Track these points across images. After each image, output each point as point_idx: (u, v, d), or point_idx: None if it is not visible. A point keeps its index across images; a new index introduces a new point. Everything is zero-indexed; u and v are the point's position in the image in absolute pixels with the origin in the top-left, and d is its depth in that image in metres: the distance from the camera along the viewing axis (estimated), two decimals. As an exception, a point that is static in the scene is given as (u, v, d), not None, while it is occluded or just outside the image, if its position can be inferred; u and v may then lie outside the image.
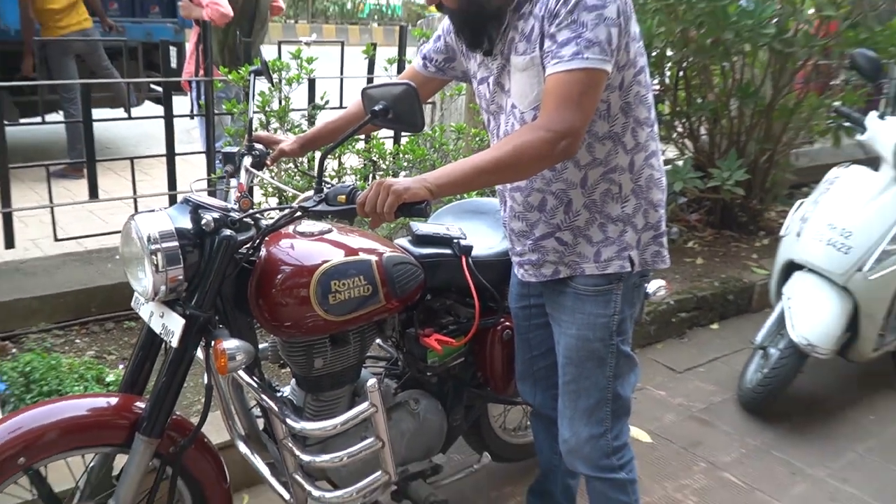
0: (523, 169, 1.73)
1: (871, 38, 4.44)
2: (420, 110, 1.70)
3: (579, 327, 1.94)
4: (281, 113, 3.46)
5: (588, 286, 1.91)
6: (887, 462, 3.09)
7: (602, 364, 1.95)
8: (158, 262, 1.67)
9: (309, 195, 1.76)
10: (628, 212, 1.88)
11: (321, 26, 18.93)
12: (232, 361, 1.68)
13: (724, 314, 4.33)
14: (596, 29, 1.64)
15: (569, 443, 2.04)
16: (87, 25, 5.88)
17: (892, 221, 3.18)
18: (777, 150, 5.10)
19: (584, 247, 1.89)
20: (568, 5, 1.66)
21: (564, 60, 1.66)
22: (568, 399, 2.01)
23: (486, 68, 1.92)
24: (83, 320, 3.35)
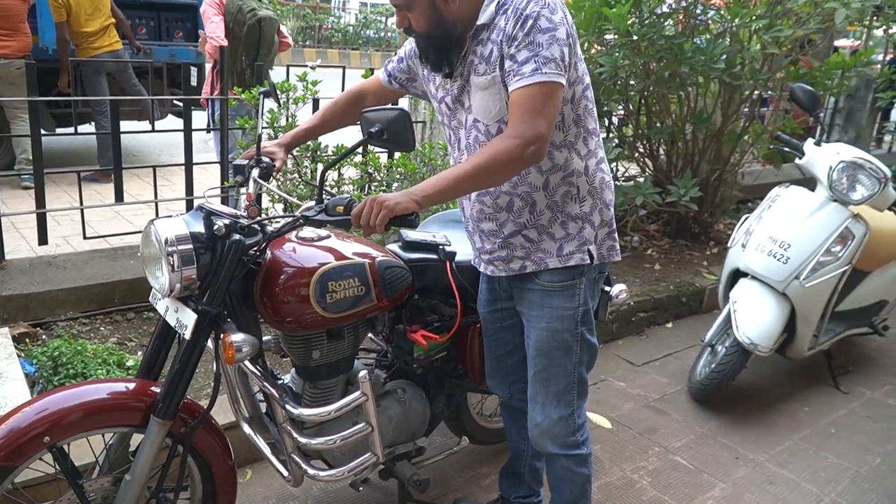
0: (499, 174, 1.72)
1: (809, 74, 4.46)
2: (412, 132, 1.68)
3: (549, 320, 1.92)
4: (288, 129, 3.41)
5: (554, 282, 1.90)
6: (819, 449, 3.09)
7: (569, 352, 1.95)
8: (174, 263, 1.66)
9: (310, 205, 1.73)
10: (586, 210, 1.89)
11: (326, 51, 18.85)
12: (238, 353, 1.66)
13: (679, 314, 4.32)
14: (550, 48, 1.67)
15: (541, 425, 2.02)
16: (118, 47, 5.82)
17: (825, 236, 3.19)
18: (726, 170, 5.10)
19: (547, 243, 1.89)
20: (524, 29, 1.67)
21: (526, 76, 1.67)
22: (539, 386, 2.00)
23: (445, 89, 1.91)
24: (107, 310, 3.31)
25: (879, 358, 4.06)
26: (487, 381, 2.28)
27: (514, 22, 1.69)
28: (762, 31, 4.26)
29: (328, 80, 3.90)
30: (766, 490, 2.77)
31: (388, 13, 21.27)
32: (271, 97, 2.33)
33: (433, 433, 2.49)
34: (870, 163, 3.22)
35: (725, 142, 4.92)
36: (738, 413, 3.32)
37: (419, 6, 1.75)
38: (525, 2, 1.69)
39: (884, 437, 3.23)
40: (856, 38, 11.01)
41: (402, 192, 1.67)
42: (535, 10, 1.67)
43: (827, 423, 3.31)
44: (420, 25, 1.79)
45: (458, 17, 1.76)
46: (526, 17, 1.67)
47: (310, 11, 19.96)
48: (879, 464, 3.02)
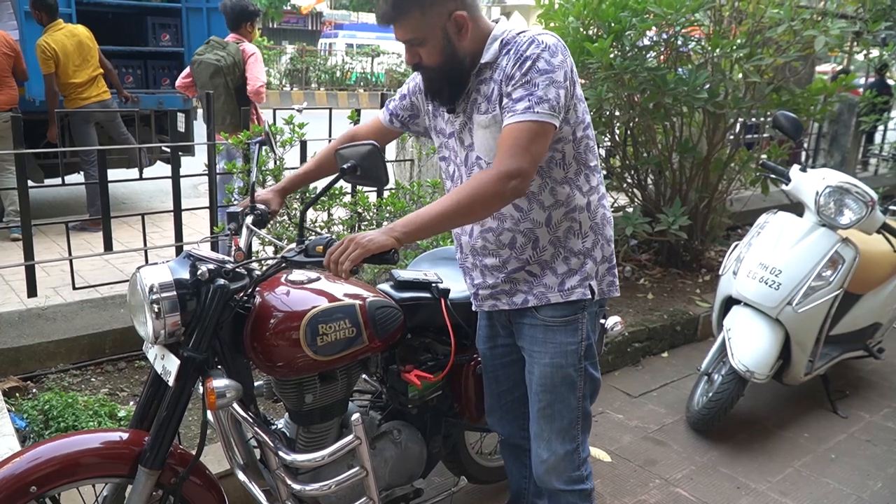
0: (480, 208, 1.72)
1: (791, 101, 4.53)
2: (384, 167, 1.71)
3: (552, 356, 1.93)
4: (276, 172, 3.44)
5: (556, 317, 1.91)
6: (821, 476, 3.06)
7: (573, 387, 1.95)
8: (158, 310, 1.66)
9: (292, 246, 1.75)
10: (588, 246, 1.91)
11: (313, 92, 19.06)
12: (221, 398, 1.66)
13: (674, 343, 4.32)
14: (546, 89, 1.70)
15: (547, 462, 2.00)
16: (106, 97, 5.87)
17: (816, 261, 3.21)
18: (714, 197, 5.15)
19: (549, 278, 1.90)
20: (523, 69, 1.71)
21: (518, 113, 1.70)
22: (544, 422, 1.99)
23: (451, 124, 1.94)
24: (98, 361, 3.28)
25: (876, 381, 4.05)
26: (487, 419, 2.26)
27: (513, 62, 1.73)
28: (743, 61, 4.35)
29: (315, 122, 3.94)
30: (770, 520, 2.75)
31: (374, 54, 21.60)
32: (267, 145, 2.35)
33: (431, 474, 2.47)
34: (856, 187, 3.26)
35: (712, 170, 4.98)
36: (737, 441, 3.30)
37: (433, 40, 1.78)
38: (527, 44, 1.73)
39: (884, 460, 3.21)
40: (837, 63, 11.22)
41: (382, 228, 1.69)
42: (535, 53, 1.71)
43: (827, 448, 3.29)
44: (433, 59, 1.81)
45: (467, 51, 1.80)
46: (525, 58, 1.71)
47: (296, 55, 20.22)
48: (881, 488, 2.99)
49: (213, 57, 4.72)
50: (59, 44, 5.45)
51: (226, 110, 4.68)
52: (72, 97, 5.66)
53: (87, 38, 5.67)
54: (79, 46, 5.57)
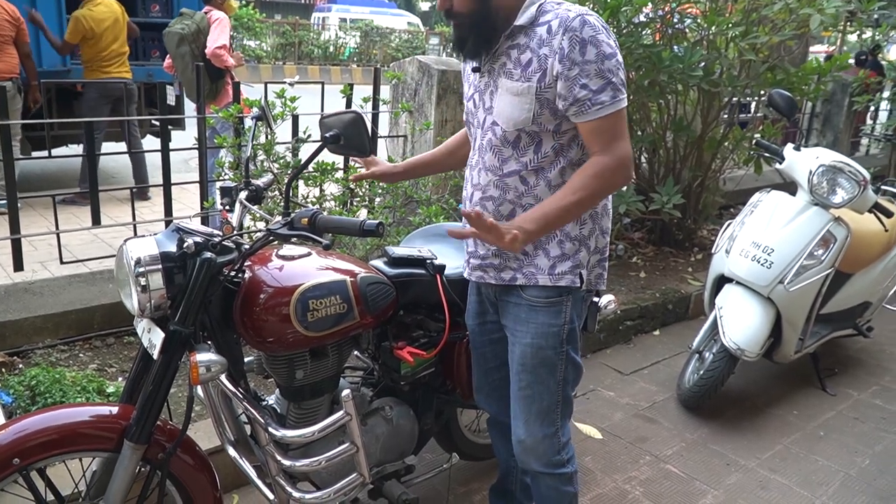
0: (593, 203, 1.79)
1: (786, 79, 4.49)
2: (367, 136, 1.68)
3: (533, 336, 1.89)
4: (267, 146, 3.39)
5: (540, 297, 1.87)
6: (810, 453, 3.08)
7: (554, 370, 1.92)
8: (143, 283, 1.64)
9: (279, 219, 1.71)
10: (585, 234, 1.87)
11: (306, 67, 18.83)
12: (203, 373, 1.63)
13: (665, 321, 4.32)
14: (618, 73, 1.71)
15: (524, 443, 1.98)
16: (128, 76, 5.89)
17: (808, 239, 3.19)
18: (707, 176, 5.12)
19: (541, 259, 1.86)
20: (587, 54, 1.67)
21: (607, 105, 1.70)
22: (523, 403, 1.96)
23: (474, 86, 1.89)
24: (86, 336, 3.24)
25: (865, 359, 4.07)
26: (475, 396, 2.24)
27: (569, 43, 1.67)
28: (739, 39, 4.30)
29: (307, 97, 3.88)
30: (759, 496, 2.76)
31: (368, 28, 21.34)
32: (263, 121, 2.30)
33: (423, 450, 2.46)
34: (849, 166, 3.24)
35: (706, 148, 4.95)
36: (727, 419, 3.30)
37: None
38: (577, 21, 1.67)
39: (872, 438, 3.23)
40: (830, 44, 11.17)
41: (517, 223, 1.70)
42: (592, 36, 1.67)
43: (816, 425, 3.30)
44: (464, 5, 1.76)
45: (501, 6, 1.74)
46: (585, 42, 1.66)
47: (289, 28, 19.96)
48: (868, 465, 3.01)
49: (179, 27, 4.70)
50: (97, 19, 5.53)
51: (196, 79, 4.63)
52: (93, 69, 5.69)
53: (121, 15, 5.79)
54: (115, 23, 5.69)
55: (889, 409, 3.50)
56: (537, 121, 1.75)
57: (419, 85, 4.02)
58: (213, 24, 4.74)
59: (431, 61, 4.02)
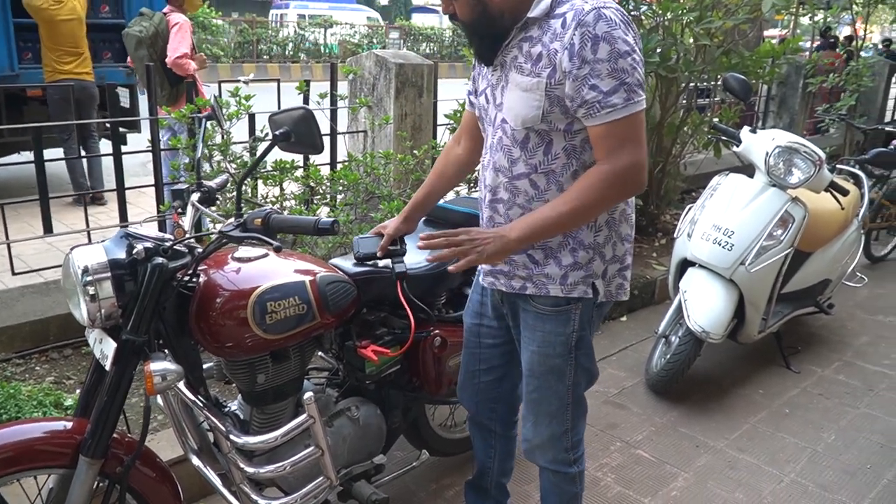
0: (598, 211, 1.69)
1: (741, 63, 4.53)
2: (318, 132, 1.64)
3: (540, 344, 1.84)
4: (223, 146, 3.31)
5: (548, 306, 1.80)
6: (777, 431, 3.11)
7: (562, 376, 1.86)
8: (92, 292, 1.58)
9: (231, 221, 1.66)
10: (599, 241, 1.77)
11: (265, 66, 18.59)
12: (158, 383, 1.58)
13: (632, 307, 4.34)
14: (634, 72, 1.59)
15: (531, 441, 1.96)
16: (88, 78, 5.75)
17: (767, 220, 3.22)
18: (668, 161, 5.16)
19: (552, 268, 1.77)
20: (599, 52, 1.57)
21: (619, 108, 1.59)
22: (531, 406, 1.92)
23: (486, 79, 1.82)
24: (42, 348, 3.14)
25: (827, 335, 4.14)
26: (458, 393, 2.20)
27: (580, 39, 1.57)
28: (693, 24, 4.32)
29: (263, 95, 3.80)
30: (728, 476, 2.78)
31: (328, 25, 21.14)
32: (214, 120, 2.24)
33: (394, 448, 2.43)
34: (804, 146, 3.28)
35: (666, 134, 4.98)
36: (695, 401, 3.33)
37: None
38: (594, 19, 1.56)
39: (837, 413, 3.28)
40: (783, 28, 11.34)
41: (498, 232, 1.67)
42: (607, 32, 1.56)
43: (781, 403, 3.35)
44: (464, 14, 1.70)
45: (504, 8, 1.66)
46: (598, 39, 1.56)
47: (247, 26, 19.67)
48: (835, 440, 3.06)
49: (137, 29, 4.58)
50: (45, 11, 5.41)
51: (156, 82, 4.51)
52: (51, 69, 5.57)
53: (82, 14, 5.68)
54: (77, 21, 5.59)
55: (852, 384, 3.56)
56: (547, 118, 1.66)
57: (377, 79, 3.97)
58: (172, 30, 4.60)
59: (388, 55, 3.96)
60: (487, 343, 2.05)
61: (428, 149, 3.74)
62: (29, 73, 5.94)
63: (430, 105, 4.11)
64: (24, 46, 6.12)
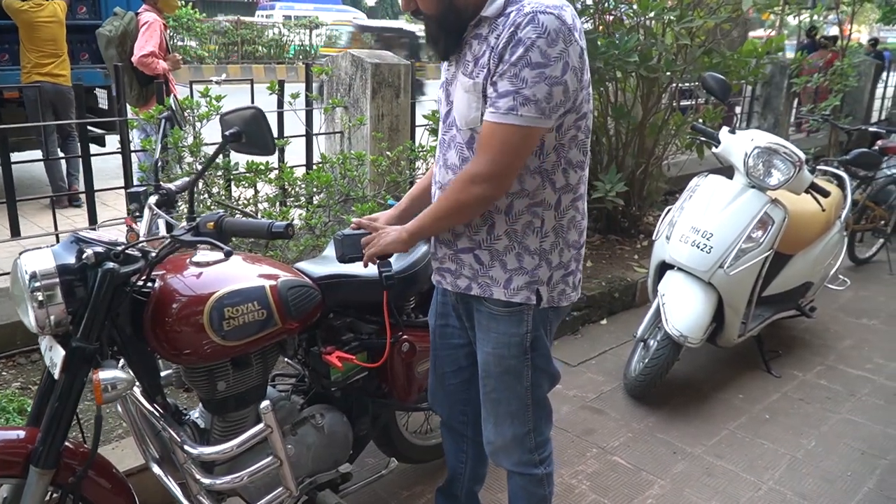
0: (456, 213, 1.71)
1: (722, 63, 4.53)
2: (269, 133, 1.61)
3: (494, 345, 1.82)
4: (194, 148, 3.27)
5: (500, 307, 1.79)
6: (756, 437, 3.09)
7: (519, 377, 1.84)
8: (40, 299, 1.54)
9: (184, 225, 1.62)
10: (546, 247, 1.74)
11: (251, 66, 18.49)
12: (107, 392, 1.54)
13: (612, 310, 4.31)
14: (535, 87, 1.54)
15: (494, 444, 1.93)
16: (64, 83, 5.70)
17: (746, 223, 3.20)
18: (650, 162, 5.15)
19: (497, 271, 1.76)
20: (513, 55, 1.54)
21: (500, 112, 1.57)
22: (490, 406, 1.90)
23: (445, 76, 1.79)
24: (9, 353, 3.09)
25: (809, 339, 4.12)
26: (429, 398, 2.17)
27: (506, 38, 1.54)
28: (674, 23, 4.31)
29: (239, 95, 3.75)
30: (705, 483, 2.75)
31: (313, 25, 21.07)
32: (173, 121, 2.21)
33: (365, 455, 2.38)
34: (784, 147, 3.26)
35: (648, 135, 4.97)
36: (674, 406, 3.31)
37: None
38: (526, 22, 1.53)
39: (817, 418, 3.26)
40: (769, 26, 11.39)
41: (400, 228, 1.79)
42: (530, 38, 1.52)
43: (761, 408, 3.33)
44: (428, 7, 1.66)
45: (468, 1, 1.64)
46: (518, 41, 1.53)
47: (231, 27, 19.58)
48: (815, 446, 3.04)
49: (107, 28, 4.55)
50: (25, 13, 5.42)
51: (126, 82, 4.47)
52: (27, 70, 5.55)
53: (62, 17, 5.67)
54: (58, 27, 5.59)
55: (834, 389, 3.54)
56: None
57: (353, 79, 3.93)
58: (140, 28, 4.56)
59: (365, 55, 3.93)
60: (453, 344, 2.02)
61: (403, 150, 3.71)
62: (6, 74, 5.89)
63: (408, 105, 4.07)
64: (1, 48, 6.07)
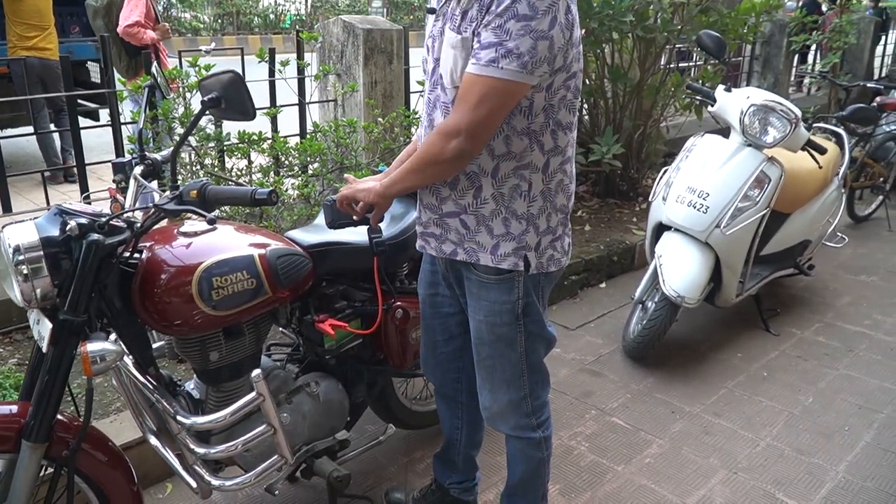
0: (429, 168, 1.65)
1: (720, 21, 4.45)
2: (249, 98, 1.57)
3: (486, 313, 1.79)
4: (184, 118, 3.22)
5: (490, 274, 1.75)
6: (753, 394, 3.09)
7: (512, 344, 1.81)
8: (25, 272, 1.52)
9: (168, 195, 1.59)
10: (533, 212, 1.69)
11: (247, 37, 18.26)
12: (96, 364, 1.53)
13: (611, 273, 4.30)
14: (519, 39, 1.48)
15: (490, 409, 1.91)
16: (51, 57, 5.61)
17: (742, 181, 3.16)
18: (648, 124, 5.08)
19: (483, 236, 1.72)
20: (500, 6, 1.48)
21: (480, 64, 1.51)
22: (485, 373, 1.88)
23: (429, 31, 1.73)
24: (5, 329, 3.08)
25: (807, 297, 4.11)
26: (421, 366, 2.16)
27: None
28: (670, -19, 4.22)
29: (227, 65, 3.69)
30: (703, 441, 2.76)
31: (308, -6, 20.75)
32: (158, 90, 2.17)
33: (365, 422, 2.38)
34: (780, 105, 3.21)
35: (645, 96, 4.89)
36: (672, 367, 3.30)
37: None
38: None
39: (815, 375, 3.26)
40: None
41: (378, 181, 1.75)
42: None
43: (759, 367, 3.32)
44: None
45: None
46: None
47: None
48: (812, 402, 3.04)
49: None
50: None
51: (114, 53, 4.40)
52: (13, 44, 5.47)
53: None
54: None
55: (831, 346, 3.54)
56: None
57: (345, 46, 3.86)
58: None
59: (356, 20, 3.86)
60: (444, 312, 1.99)
61: (396, 116, 3.66)
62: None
63: (402, 72, 4.01)
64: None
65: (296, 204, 3.34)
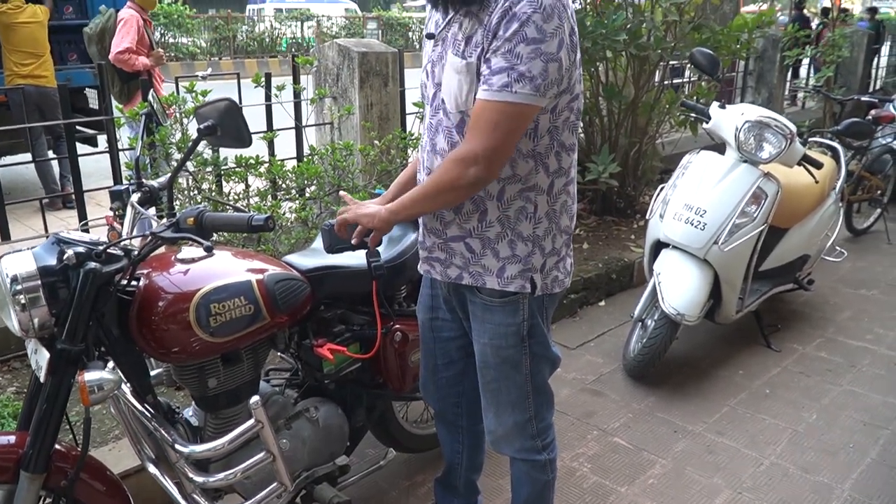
0: (444, 195, 1.64)
1: (712, 38, 4.48)
2: (245, 125, 1.58)
3: (491, 336, 1.79)
4: (181, 143, 3.23)
5: (494, 297, 1.75)
6: (756, 412, 3.07)
7: (517, 366, 1.81)
8: (22, 302, 1.52)
9: (164, 222, 1.60)
10: (539, 233, 1.70)
11: (243, 61, 18.39)
12: (93, 394, 1.52)
13: (610, 291, 4.29)
14: (530, 63, 1.50)
15: (495, 432, 1.90)
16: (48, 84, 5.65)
17: (739, 198, 3.17)
18: (644, 141, 5.10)
19: (489, 259, 1.72)
20: (508, 30, 1.50)
21: (493, 89, 1.52)
22: (490, 396, 1.87)
23: (428, 56, 1.73)
24: (4, 357, 3.07)
25: (808, 312, 4.10)
26: (421, 391, 2.16)
27: (500, 13, 1.50)
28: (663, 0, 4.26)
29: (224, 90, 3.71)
30: (707, 461, 2.74)
31: (304, 17, 20.95)
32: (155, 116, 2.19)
33: (365, 446, 2.36)
34: (775, 120, 3.23)
35: (640, 113, 4.92)
36: (674, 385, 3.29)
37: None
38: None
39: (818, 391, 3.25)
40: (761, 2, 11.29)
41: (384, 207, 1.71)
42: (525, 13, 1.48)
43: (761, 383, 3.31)
44: None
45: None
46: (513, 17, 1.49)
47: (222, 22, 19.46)
48: (816, 419, 3.02)
49: (89, 26, 4.55)
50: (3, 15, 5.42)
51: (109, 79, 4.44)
52: (10, 72, 5.53)
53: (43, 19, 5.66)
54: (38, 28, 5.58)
55: (834, 361, 3.52)
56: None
57: (340, 69, 3.89)
58: (118, 25, 4.53)
59: (351, 44, 3.88)
60: (444, 337, 1.99)
61: (393, 138, 3.67)
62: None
63: (397, 94, 4.03)
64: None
65: (293, 227, 3.34)
